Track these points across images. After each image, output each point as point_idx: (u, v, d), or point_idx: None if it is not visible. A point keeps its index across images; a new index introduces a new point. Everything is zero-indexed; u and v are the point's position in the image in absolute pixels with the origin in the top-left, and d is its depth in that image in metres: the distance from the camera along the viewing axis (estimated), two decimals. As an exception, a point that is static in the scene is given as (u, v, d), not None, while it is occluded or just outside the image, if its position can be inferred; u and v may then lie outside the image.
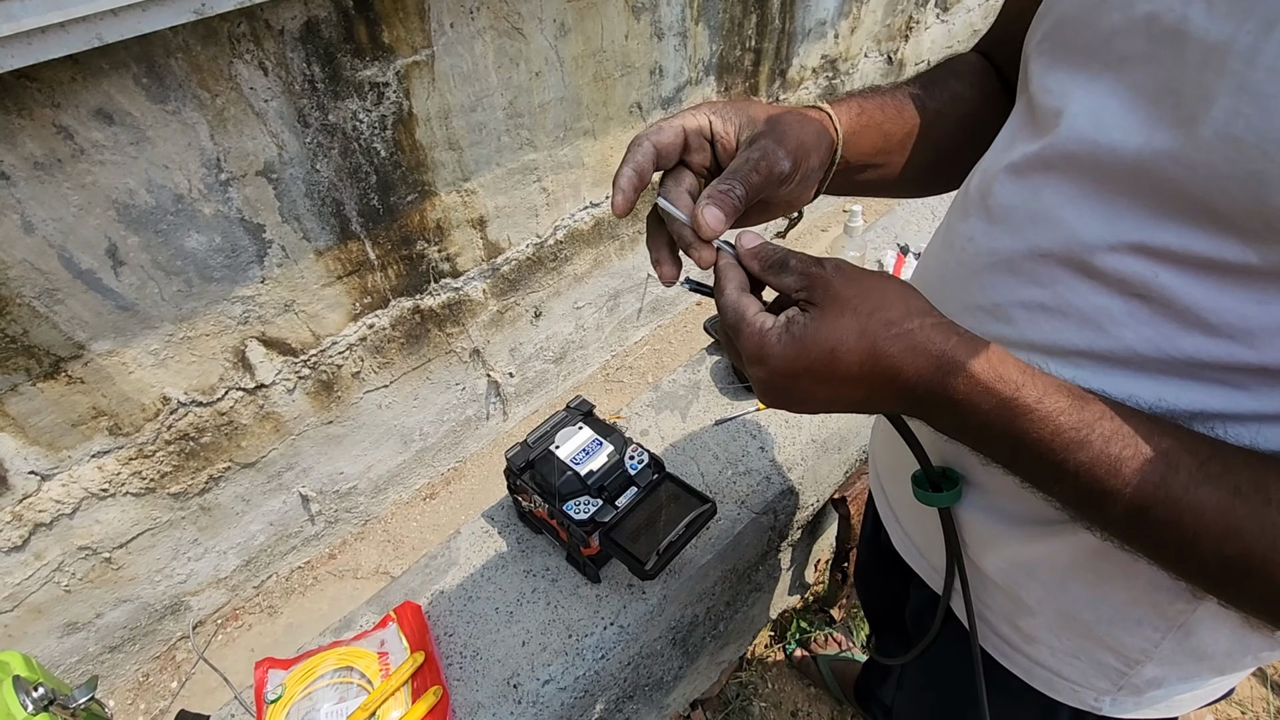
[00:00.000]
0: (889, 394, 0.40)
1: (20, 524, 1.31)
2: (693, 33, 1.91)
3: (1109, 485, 0.36)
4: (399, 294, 1.67)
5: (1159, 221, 0.37)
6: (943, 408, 0.39)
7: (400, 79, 1.40)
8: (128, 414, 1.36)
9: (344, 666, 0.88)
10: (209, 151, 1.23)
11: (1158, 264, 0.37)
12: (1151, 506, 0.35)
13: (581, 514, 0.89)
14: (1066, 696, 0.58)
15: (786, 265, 0.43)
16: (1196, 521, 0.35)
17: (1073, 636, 0.53)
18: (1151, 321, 0.38)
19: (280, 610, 1.80)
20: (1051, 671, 0.57)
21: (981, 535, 0.55)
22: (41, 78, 1.02)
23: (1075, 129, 0.41)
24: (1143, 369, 0.40)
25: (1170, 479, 0.35)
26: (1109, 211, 0.39)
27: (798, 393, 0.42)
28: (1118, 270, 0.39)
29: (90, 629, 1.52)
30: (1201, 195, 0.35)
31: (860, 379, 0.39)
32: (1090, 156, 0.40)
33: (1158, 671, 0.51)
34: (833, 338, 0.39)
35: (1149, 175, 0.37)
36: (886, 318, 0.39)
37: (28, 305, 1.16)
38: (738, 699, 1.51)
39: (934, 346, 0.38)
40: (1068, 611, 0.52)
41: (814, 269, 0.42)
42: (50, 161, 1.08)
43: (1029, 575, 0.53)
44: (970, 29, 3.11)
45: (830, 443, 1.19)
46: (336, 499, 1.84)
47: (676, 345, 2.48)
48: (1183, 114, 0.35)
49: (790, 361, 0.40)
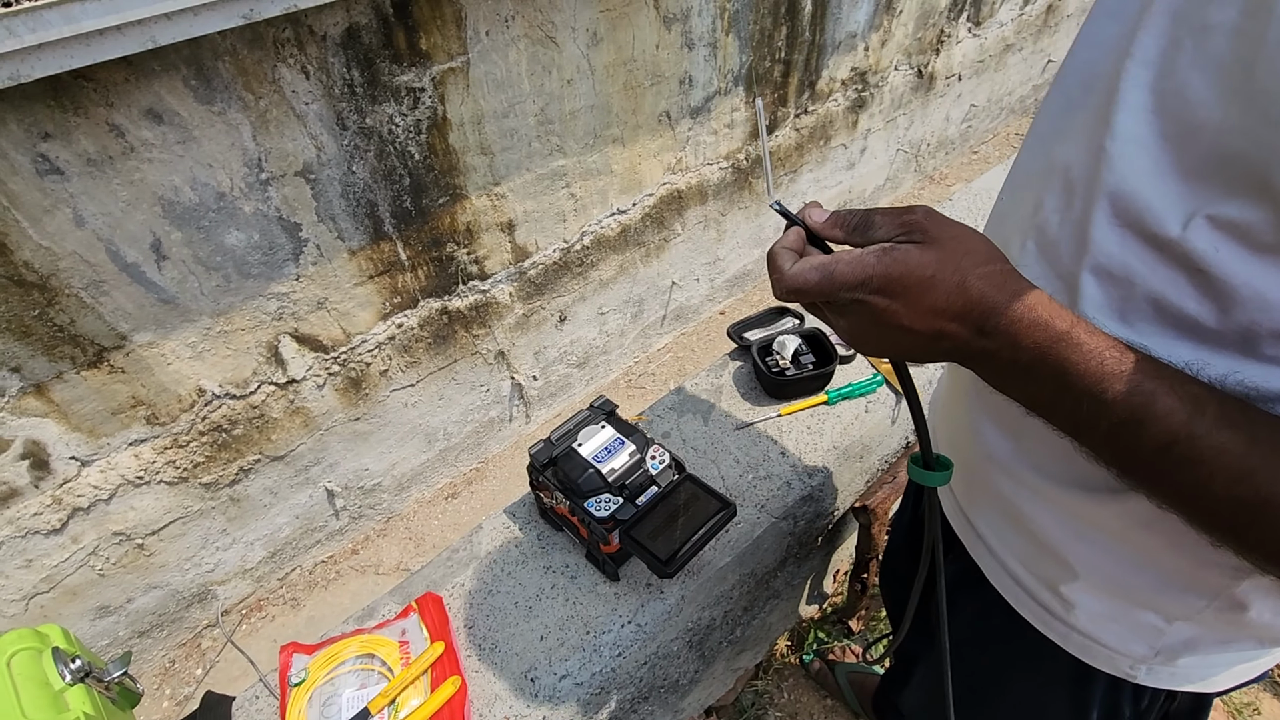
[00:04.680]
0: (966, 326, 0.43)
1: (60, 507, 1.36)
2: (723, 43, 1.93)
3: (1141, 417, 0.38)
4: (428, 295, 1.70)
5: (1227, 196, 0.39)
6: (1005, 342, 0.42)
7: (436, 85, 1.44)
8: (164, 404, 1.40)
9: (366, 654, 0.90)
10: (251, 152, 1.27)
11: (1222, 237, 0.39)
12: (1176, 443, 0.38)
13: (602, 511, 0.90)
14: (1103, 663, 0.58)
15: (872, 222, 0.46)
16: (1215, 461, 0.37)
17: (1115, 600, 0.54)
18: (1210, 294, 0.41)
19: (303, 603, 1.83)
20: (1089, 637, 0.58)
21: (1034, 498, 0.56)
22: (97, 78, 1.07)
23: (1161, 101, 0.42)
24: (1205, 341, 0.42)
25: (1196, 419, 0.37)
26: (1184, 185, 0.41)
27: (886, 315, 0.44)
28: (1183, 242, 0.41)
29: (121, 613, 1.56)
30: (1263, 171, 0.36)
31: (946, 309, 0.42)
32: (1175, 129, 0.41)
33: (1194, 631, 0.52)
34: (932, 265, 0.42)
35: (1223, 149, 0.38)
36: (975, 258, 0.43)
37: (76, 296, 1.21)
38: (753, 707, 1.50)
39: (1010, 284, 0.42)
40: (1114, 576, 0.53)
41: (906, 216, 0.45)
42: (102, 158, 1.13)
43: (1078, 538, 0.54)
44: (1003, 43, 3.09)
45: (852, 450, 1.19)
46: (361, 495, 1.87)
47: (699, 353, 2.49)
48: (1255, 89, 0.36)
49: (890, 277, 0.42)
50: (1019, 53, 3.27)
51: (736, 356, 1.31)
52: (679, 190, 2.14)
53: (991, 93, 3.31)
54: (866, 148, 2.79)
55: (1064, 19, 3.38)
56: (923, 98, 2.89)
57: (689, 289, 2.45)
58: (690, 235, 2.29)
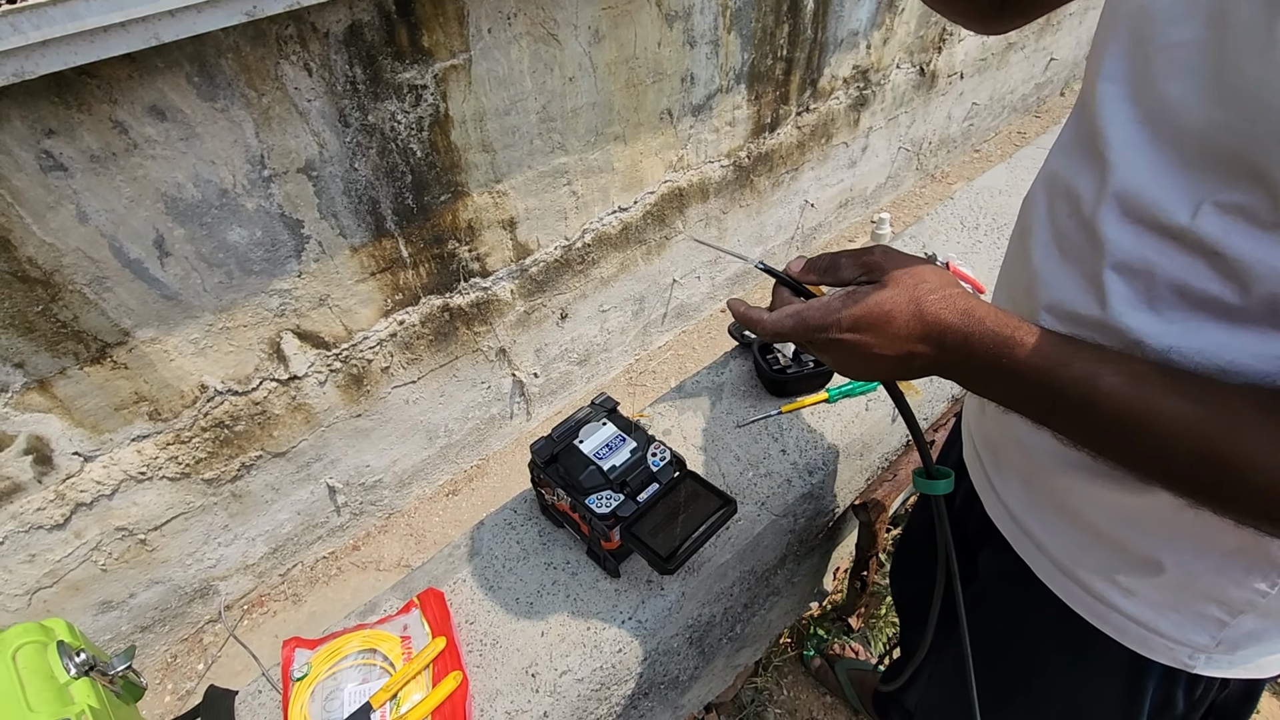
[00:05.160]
0: (929, 345, 0.49)
1: (63, 502, 1.37)
2: (725, 41, 1.93)
3: (1091, 399, 0.43)
4: (429, 292, 1.70)
5: (1228, 184, 0.41)
6: (963, 355, 0.48)
7: (438, 82, 1.44)
8: (167, 400, 1.41)
9: (368, 649, 0.90)
10: (254, 148, 1.27)
11: (1232, 222, 0.41)
12: (1125, 417, 0.42)
13: (603, 508, 0.90)
14: (1160, 654, 0.58)
15: (838, 264, 0.54)
16: (1167, 426, 0.40)
17: (1175, 589, 0.54)
18: (1228, 274, 0.43)
19: (304, 599, 1.84)
20: (1147, 628, 0.57)
21: (1085, 490, 0.57)
22: (101, 75, 1.07)
23: (1147, 113, 0.46)
24: (1234, 320, 0.44)
25: (1139, 392, 0.41)
26: (1186, 178, 0.44)
27: (859, 350, 0.51)
28: (1195, 230, 0.43)
29: (124, 608, 1.57)
30: (1252, 160, 0.39)
31: (908, 335, 0.49)
32: (1166, 134, 0.45)
33: (1258, 624, 0.52)
34: (888, 303, 0.49)
35: (1213, 144, 0.42)
36: (928, 287, 0.49)
37: (79, 292, 1.21)
38: (752, 704, 1.51)
39: (959, 304, 0.48)
40: (1174, 562, 0.53)
41: (865, 257, 0.52)
42: (106, 155, 1.14)
43: (1134, 526, 0.54)
44: (1005, 41, 3.09)
45: (852, 449, 1.19)
46: (362, 491, 1.88)
47: (700, 350, 2.49)
48: (1227, 91, 0.40)
49: (855, 319, 0.50)
50: (1021, 51, 3.27)
51: (737, 354, 1.31)
52: (680, 188, 2.14)
53: (994, 91, 3.31)
54: (868, 146, 2.79)
55: (1066, 17, 3.38)
56: (925, 96, 2.89)
57: (690, 287, 2.45)
58: (691, 233, 2.30)
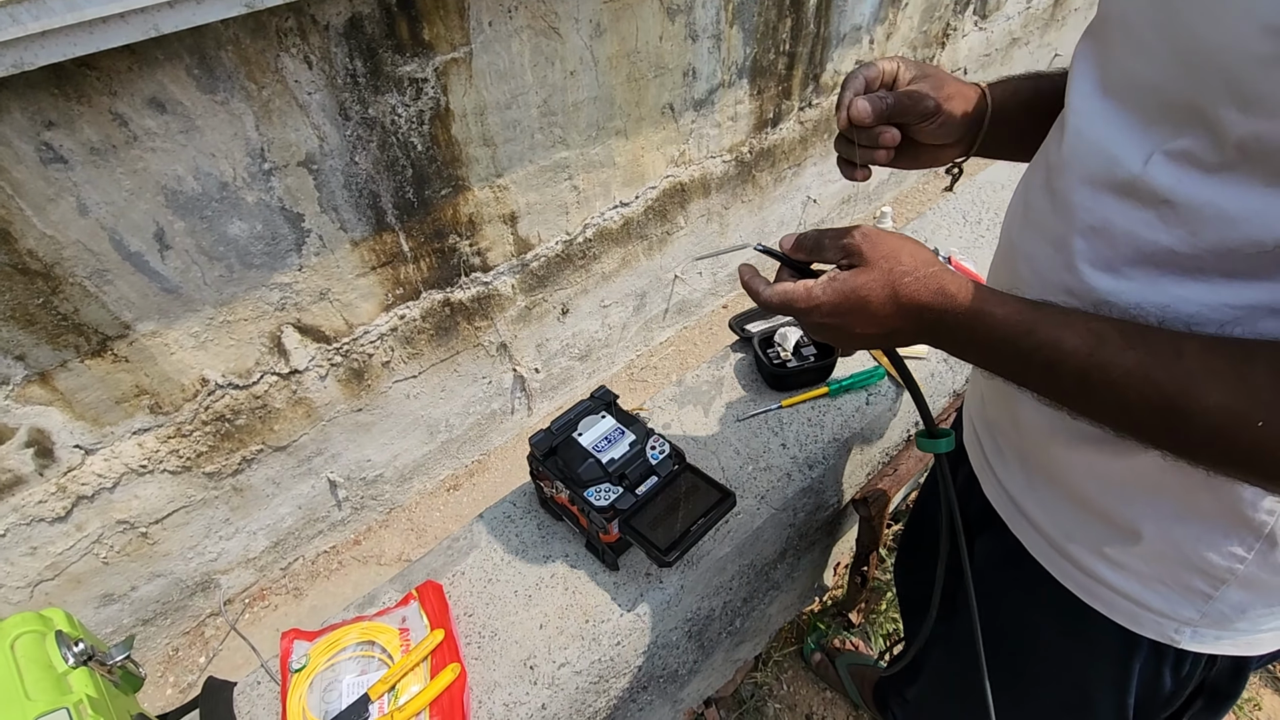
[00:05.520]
0: (908, 322, 0.54)
1: (64, 495, 1.37)
2: (727, 35, 1.92)
3: (1055, 359, 0.46)
4: (430, 286, 1.70)
5: (1176, 133, 0.45)
6: (940, 328, 0.53)
7: (439, 75, 1.44)
8: (168, 393, 1.41)
9: (366, 640, 0.90)
10: (254, 141, 1.27)
11: (1180, 169, 0.44)
12: (1089, 372, 0.45)
13: (602, 501, 0.90)
14: (1149, 629, 0.59)
15: (822, 244, 0.58)
16: (1125, 380, 0.44)
17: (1158, 558, 0.55)
18: (1177, 222, 0.45)
19: (305, 593, 1.84)
20: (1136, 602, 0.59)
21: (1076, 462, 0.58)
22: (100, 66, 1.07)
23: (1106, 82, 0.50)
24: (1186, 272, 0.46)
25: (1100, 349, 0.45)
26: (1141, 133, 0.47)
27: (844, 330, 0.56)
28: (1147, 178, 0.46)
29: (125, 601, 1.57)
30: (1199, 106, 0.42)
31: (887, 315, 0.54)
32: (1125, 97, 0.48)
33: (1243, 597, 0.54)
34: (864, 287, 0.53)
35: (1165, 98, 0.45)
36: (902, 268, 0.53)
37: (79, 284, 1.21)
38: (752, 699, 1.51)
39: (933, 282, 0.52)
40: (1156, 529, 0.54)
41: (845, 240, 0.56)
42: (105, 147, 1.13)
43: (1121, 494, 0.56)
44: (1009, 37, 3.08)
45: (853, 442, 1.19)
46: (363, 486, 1.88)
47: (701, 346, 2.49)
48: (1179, 47, 0.43)
49: (833, 307, 0.55)
50: (1025, 47, 3.25)
51: (738, 348, 1.31)
52: (682, 183, 2.14)
53: (997, 87, 3.29)
54: (871, 142, 2.78)
55: (1071, 12, 3.36)
56: (928, 92, 2.87)
57: (691, 283, 2.45)
58: (693, 229, 2.29)
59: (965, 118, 0.66)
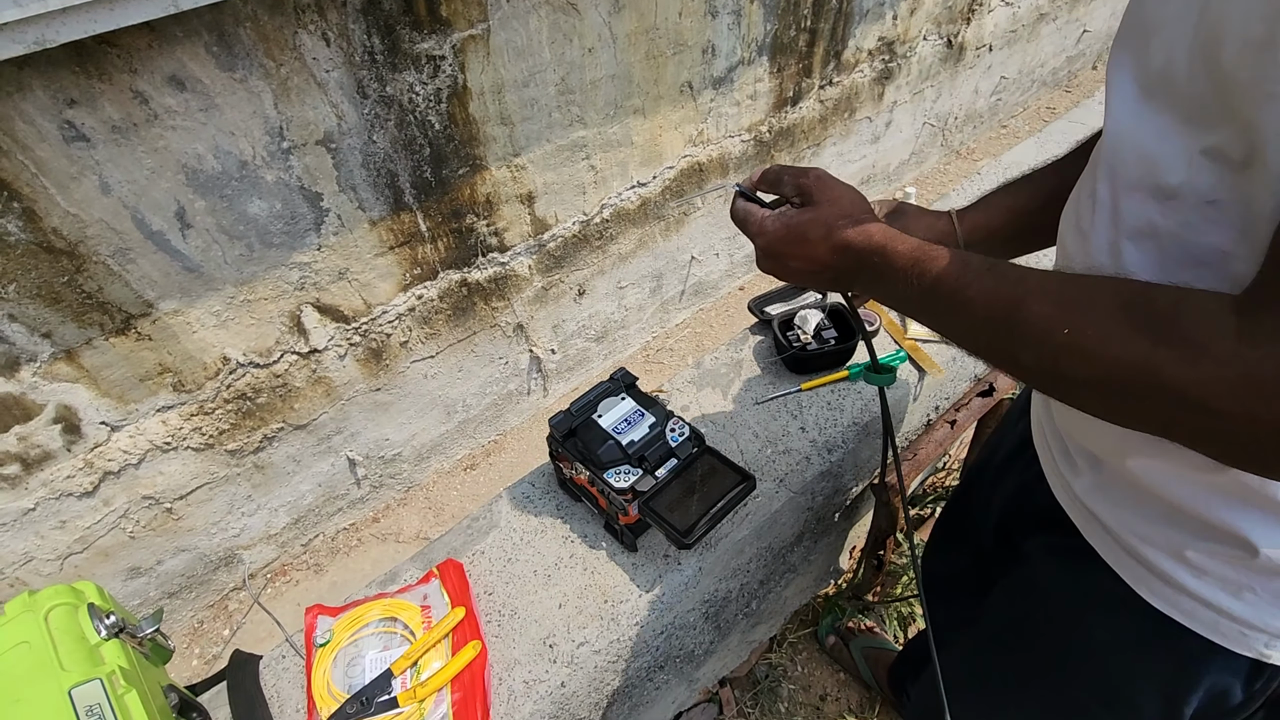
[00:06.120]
0: (841, 260, 0.61)
1: (91, 471, 1.39)
2: (747, 11, 1.89)
3: (932, 284, 0.53)
4: (448, 266, 1.70)
5: (1210, 128, 0.45)
6: (862, 266, 0.60)
7: (456, 53, 1.42)
8: (190, 372, 1.43)
9: (389, 617, 0.91)
10: (273, 120, 1.27)
11: (1217, 166, 0.44)
12: (957, 291, 0.51)
13: (622, 482, 0.90)
14: (1233, 641, 0.55)
15: (782, 179, 0.66)
16: (979, 296, 0.50)
17: (1247, 566, 0.52)
18: (1223, 221, 0.45)
19: (326, 569, 1.87)
20: (1219, 611, 0.55)
21: (1163, 468, 0.55)
22: (121, 44, 1.07)
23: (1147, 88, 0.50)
24: (1237, 270, 0.45)
25: (964, 272, 0.51)
26: (1183, 129, 0.47)
27: (784, 260, 0.65)
28: (1190, 183, 0.46)
29: (151, 574, 1.61)
30: (1233, 105, 0.42)
31: (821, 253, 0.62)
32: (1163, 101, 0.49)
33: None
34: (805, 225, 0.62)
35: (1201, 100, 0.45)
36: (840, 211, 0.61)
37: (103, 263, 1.22)
38: (767, 679, 1.52)
39: (864, 229, 0.59)
40: (1239, 530, 0.51)
41: (801, 179, 0.64)
42: (127, 125, 1.14)
43: (1214, 499, 0.52)
44: (1036, 12, 3.00)
45: (872, 426, 1.18)
46: (381, 464, 1.90)
47: (718, 328, 2.48)
48: (1208, 49, 0.43)
49: (778, 237, 0.64)
50: (1053, 22, 3.16)
51: (757, 331, 1.30)
52: (700, 163, 2.11)
53: (1023, 64, 3.22)
54: (892, 121, 2.73)
55: (1101, -13, 3.26)
56: (951, 69, 2.81)
57: (709, 264, 2.43)
58: (710, 209, 2.27)
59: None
